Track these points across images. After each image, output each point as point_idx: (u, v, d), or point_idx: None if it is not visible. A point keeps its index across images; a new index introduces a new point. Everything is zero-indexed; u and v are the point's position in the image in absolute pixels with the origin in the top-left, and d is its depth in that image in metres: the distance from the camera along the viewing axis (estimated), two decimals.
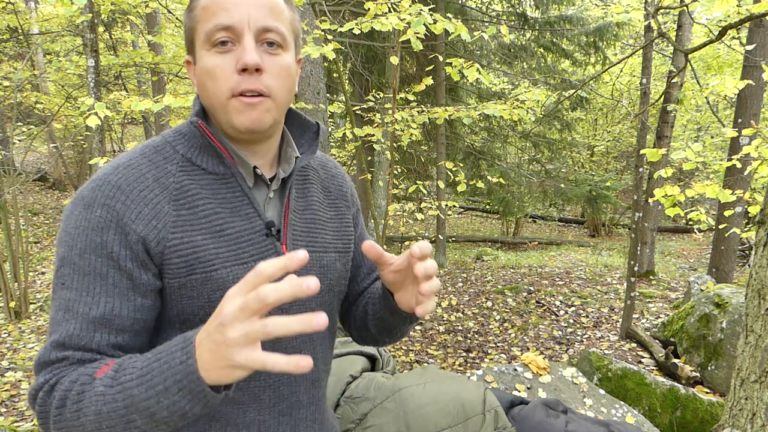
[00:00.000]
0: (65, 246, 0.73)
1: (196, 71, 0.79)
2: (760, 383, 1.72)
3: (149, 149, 0.79)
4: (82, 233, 0.72)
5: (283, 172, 0.85)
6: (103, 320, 0.72)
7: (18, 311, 5.16)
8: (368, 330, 0.98)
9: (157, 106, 2.62)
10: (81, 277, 0.72)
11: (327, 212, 0.94)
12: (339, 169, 1.03)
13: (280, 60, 0.77)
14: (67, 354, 0.71)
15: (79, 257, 0.72)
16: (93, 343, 0.72)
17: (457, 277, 7.31)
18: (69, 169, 11.25)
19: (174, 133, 0.82)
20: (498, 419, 1.60)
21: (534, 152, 10.31)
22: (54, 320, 0.73)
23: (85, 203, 0.73)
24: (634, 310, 4.71)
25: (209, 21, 0.74)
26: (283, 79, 0.78)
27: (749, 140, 3.72)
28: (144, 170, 0.76)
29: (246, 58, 0.72)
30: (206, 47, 0.75)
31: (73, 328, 0.72)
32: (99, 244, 0.72)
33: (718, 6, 2.46)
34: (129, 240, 0.72)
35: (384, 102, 5.45)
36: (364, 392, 1.65)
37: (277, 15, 0.77)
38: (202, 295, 0.76)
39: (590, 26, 8.10)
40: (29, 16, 8.47)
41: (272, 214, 0.85)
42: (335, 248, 0.93)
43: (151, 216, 0.73)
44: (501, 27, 3.09)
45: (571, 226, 14.68)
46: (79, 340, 0.72)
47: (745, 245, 8.20)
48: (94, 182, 0.74)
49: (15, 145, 9.68)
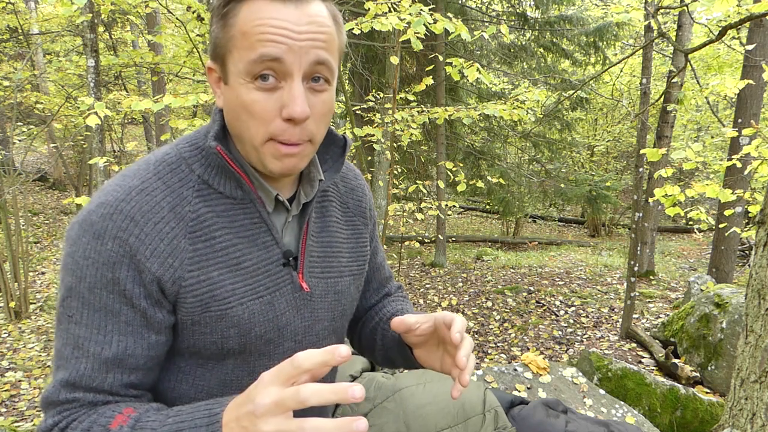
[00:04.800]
0: (73, 276, 0.68)
1: (227, 95, 0.71)
2: (760, 383, 1.72)
3: (163, 167, 0.72)
4: (91, 266, 0.67)
5: (305, 195, 0.79)
6: (116, 360, 0.68)
7: (18, 311, 5.16)
8: (373, 355, 0.99)
9: (157, 106, 2.61)
10: (91, 313, 0.67)
11: (344, 232, 0.90)
12: (360, 180, 0.97)
13: (326, 97, 0.70)
14: (77, 396, 0.68)
15: (88, 291, 0.67)
16: (105, 384, 0.69)
17: (457, 277, 7.31)
18: (69, 169, 11.24)
19: (190, 147, 0.75)
20: (498, 419, 1.60)
21: (534, 152, 10.30)
22: (61, 355, 0.69)
23: (95, 233, 0.67)
24: (634, 310, 4.71)
25: (252, 50, 0.64)
26: (326, 118, 0.72)
27: (749, 140, 3.72)
28: (158, 197, 0.70)
29: (296, 109, 0.65)
30: (245, 78, 0.66)
31: (84, 368, 0.68)
32: (111, 280, 0.67)
33: (718, 6, 2.45)
34: (143, 278, 0.68)
35: (384, 102, 5.45)
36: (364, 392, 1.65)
37: (330, 45, 0.68)
38: (216, 332, 0.73)
39: (590, 26, 8.10)
40: (29, 16, 8.46)
41: (289, 239, 0.81)
42: (350, 272, 0.89)
43: (167, 253, 0.69)
44: (501, 27, 3.09)
45: (571, 226, 14.68)
46: (90, 381, 0.68)
47: (745, 245, 8.19)
48: (105, 208, 0.68)
49: (15, 145, 9.68)
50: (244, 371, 0.78)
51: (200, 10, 3.31)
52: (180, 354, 0.76)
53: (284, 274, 0.78)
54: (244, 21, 0.65)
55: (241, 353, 0.77)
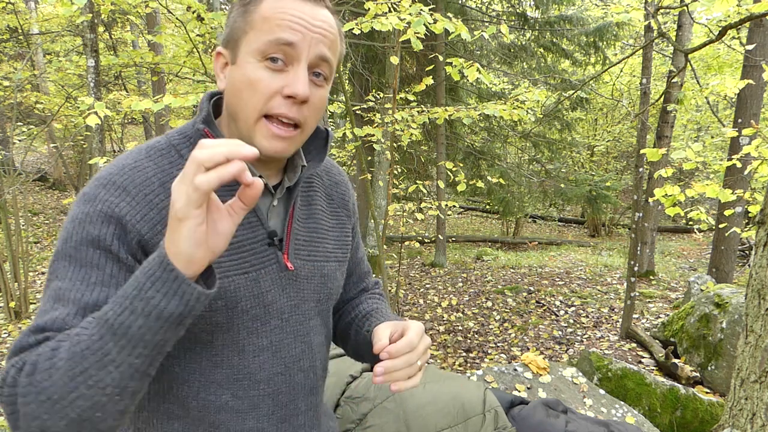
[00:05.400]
0: (61, 240, 0.71)
1: (232, 73, 0.76)
2: (760, 383, 1.72)
3: (154, 151, 0.77)
4: (78, 226, 0.69)
5: (288, 180, 0.84)
6: (95, 306, 0.67)
7: (18, 311, 5.16)
8: (345, 347, 1.04)
9: (157, 106, 2.61)
10: (76, 268, 0.68)
11: (329, 221, 0.95)
12: (343, 176, 1.03)
13: (322, 93, 0.77)
14: (48, 335, 0.64)
15: (74, 249, 0.69)
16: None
17: (457, 277, 7.31)
18: (69, 169, 11.25)
19: (179, 135, 0.80)
20: (498, 419, 1.60)
21: (534, 152, 10.31)
22: (40, 311, 0.68)
23: (86, 199, 0.71)
24: (634, 310, 4.71)
25: (270, 33, 0.72)
26: (319, 112, 0.78)
27: (749, 140, 3.72)
28: (150, 173, 0.74)
29: (299, 87, 0.72)
30: (256, 57, 0.73)
31: (60, 313, 0.66)
32: (96, 236, 0.69)
33: (718, 6, 2.45)
34: (129, 239, 0.70)
35: (384, 102, 5.45)
36: (364, 392, 1.65)
37: (334, 47, 0.77)
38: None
39: (590, 26, 8.10)
40: (29, 16, 8.46)
41: (275, 222, 0.84)
42: (336, 257, 0.94)
43: (156, 221, 0.72)
44: (501, 27, 3.09)
45: (571, 226, 14.68)
46: (63, 324, 0.65)
47: (745, 245, 8.19)
48: (98, 181, 0.72)
49: (15, 145, 9.68)
50: (233, 350, 0.80)
51: (200, 10, 3.30)
52: None
53: (269, 253, 0.81)
54: (266, 8, 0.73)
55: (228, 330, 0.78)
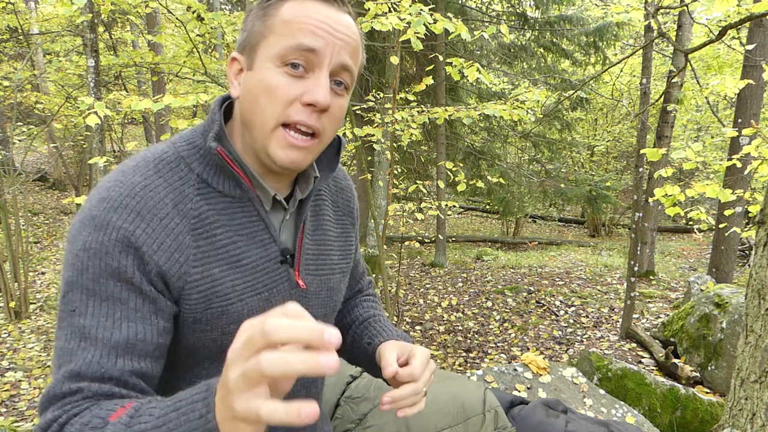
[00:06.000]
0: (73, 270, 0.66)
1: (248, 79, 0.72)
2: (760, 383, 1.72)
3: (163, 165, 0.72)
4: (93, 257, 0.65)
5: (300, 192, 0.82)
6: (127, 346, 0.65)
7: (18, 311, 5.16)
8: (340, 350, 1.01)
9: (157, 106, 2.61)
10: (98, 303, 0.65)
11: (335, 230, 0.93)
12: (348, 180, 1.01)
13: (342, 102, 0.73)
14: (82, 386, 0.63)
15: (93, 282, 0.65)
16: (115, 370, 0.65)
17: (457, 277, 7.31)
18: (69, 169, 11.24)
19: (188, 146, 0.76)
20: (498, 419, 1.60)
21: (534, 152, 10.30)
22: (65, 350, 0.65)
23: (97, 225, 0.66)
24: (634, 310, 4.71)
25: (291, 37, 0.68)
26: (338, 122, 0.74)
27: (749, 140, 3.72)
28: (162, 194, 0.70)
29: (320, 95, 0.68)
30: (275, 62, 0.69)
31: (92, 356, 0.64)
32: (116, 269, 0.65)
33: (718, 6, 2.45)
34: (147, 269, 0.67)
35: (384, 102, 5.45)
36: (364, 392, 1.65)
37: (356, 56, 0.73)
38: (216, 329, 0.74)
39: (590, 26, 8.10)
40: (29, 16, 8.46)
41: (287, 237, 0.83)
42: (341, 269, 0.92)
43: (173, 249, 0.69)
44: (501, 27, 3.09)
45: (571, 226, 14.68)
46: (98, 369, 0.64)
47: (745, 245, 8.19)
48: (108, 203, 0.67)
49: (15, 145, 9.68)
50: None
51: (200, 10, 3.30)
52: (176, 353, 0.76)
53: (281, 271, 0.80)
54: (288, 12, 0.69)
55: None
